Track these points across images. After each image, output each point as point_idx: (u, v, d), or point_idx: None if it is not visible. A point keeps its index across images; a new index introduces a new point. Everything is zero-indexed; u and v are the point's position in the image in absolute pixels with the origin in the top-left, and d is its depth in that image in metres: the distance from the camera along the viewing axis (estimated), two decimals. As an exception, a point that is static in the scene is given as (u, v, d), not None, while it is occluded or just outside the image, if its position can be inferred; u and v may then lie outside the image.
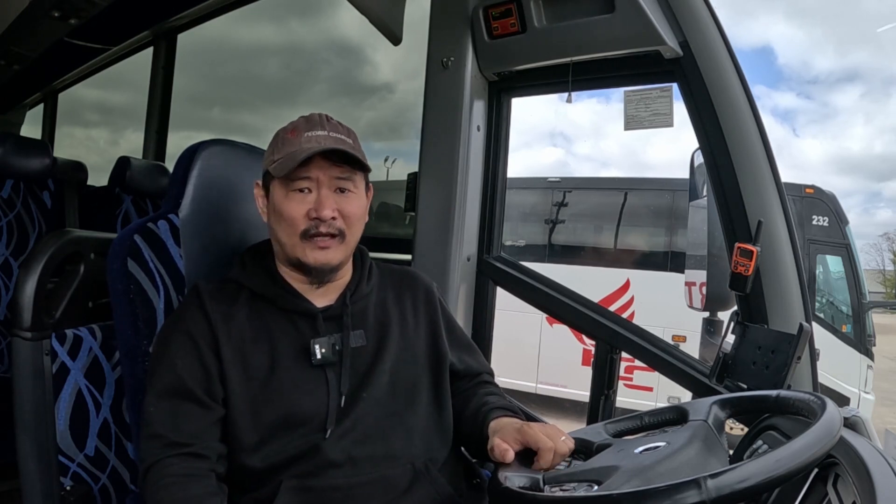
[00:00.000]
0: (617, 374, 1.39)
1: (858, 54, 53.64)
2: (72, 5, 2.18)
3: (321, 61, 5.27)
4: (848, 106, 53.30)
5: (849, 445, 0.71)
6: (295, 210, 0.89)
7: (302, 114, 0.94)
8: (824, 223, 5.03)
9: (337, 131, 0.91)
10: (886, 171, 49.35)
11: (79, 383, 1.00)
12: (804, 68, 57.17)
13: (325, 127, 0.91)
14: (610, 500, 0.60)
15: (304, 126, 0.91)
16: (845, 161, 48.88)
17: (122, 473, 1.06)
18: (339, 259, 0.92)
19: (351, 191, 0.92)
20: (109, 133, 5.57)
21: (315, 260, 0.90)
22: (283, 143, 0.90)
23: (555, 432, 0.82)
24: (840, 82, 55.25)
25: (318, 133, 0.89)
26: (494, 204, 1.56)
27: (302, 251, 0.90)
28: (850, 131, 52.14)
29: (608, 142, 32.47)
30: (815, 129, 52.14)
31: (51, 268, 0.98)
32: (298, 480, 0.85)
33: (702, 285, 1.26)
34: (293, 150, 0.88)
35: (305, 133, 0.89)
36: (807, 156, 47.14)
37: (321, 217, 0.88)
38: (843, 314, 5.15)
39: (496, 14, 1.39)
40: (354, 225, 0.93)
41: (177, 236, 1.01)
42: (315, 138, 0.89)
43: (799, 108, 53.65)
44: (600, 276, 5.29)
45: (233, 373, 0.87)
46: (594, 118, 27.03)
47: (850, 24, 55.35)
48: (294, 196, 0.89)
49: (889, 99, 47.74)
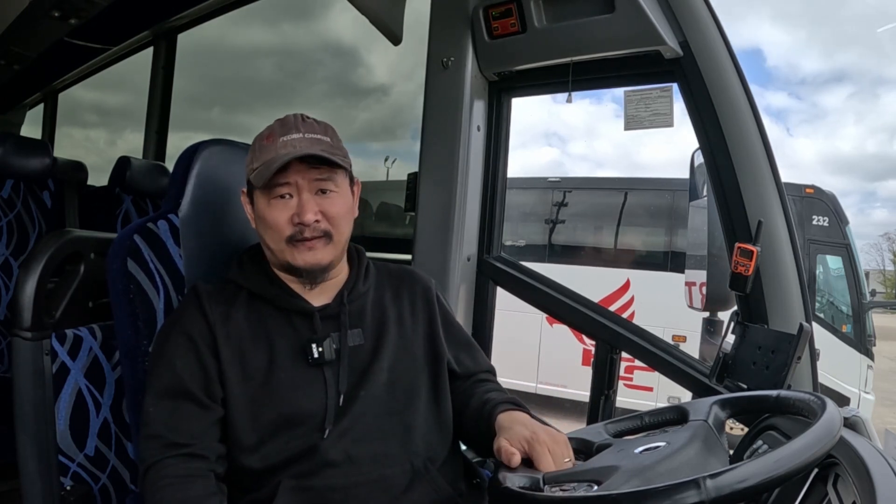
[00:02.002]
0: (617, 374, 1.39)
1: (844, 56, 53.81)
2: (72, 5, 2.18)
3: (316, 63, 5.29)
4: (837, 106, 53.47)
5: (849, 445, 0.71)
6: (278, 217, 0.89)
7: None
8: (824, 223, 5.02)
9: (313, 131, 0.90)
10: (881, 171, 49.37)
11: (79, 383, 1.00)
12: (791, 70, 57.37)
13: (300, 129, 0.90)
14: (610, 500, 0.60)
15: (279, 130, 0.90)
16: (838, 161, 48.97)
17: (122, 473, 1.06)
18: (328, 259, 0.92)
19: (332, 190, 0.91)
20: (108, 134, 5.59)
21: (304, 262, 0.90)
22: (261, 151, 0.90)
23: (560, 454, 0.79)
24: (828, 83, 55.40)
25: (294, 136, 0.88)
26: (494, 204, 1.56)
27: (291, 255, 0.90)
28: (842, 131, 52.26)
29: (601, 142, 32.58)
30: (808, 129, 52.26)
31: (51, 268, 0.98)
32: (297, 480, 0.85)
33: (702, 285, 1.26)
34: (269, 157, 0.88)
35: (281, 138, 0.88)
36: (800, 155, 47.19)
37: (304, 222, 0.88)
38: (843, 314, 5.15)
39: (496, 14, 1.39)
40: (340, 224, 0.92)
41: (176, 236, 1.01)
42: (290, 143, 0.88)
43: (791, 107, 53.80)
44: (600, 276, 5.28)
45: (231, 373, 0.87)
46: (587, 118, 27.07)
47: (834, 26, 55.48)
48: (276, 203, 0.89)
49: (877, 99, 47.80)
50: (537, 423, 0.87)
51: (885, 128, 46.60)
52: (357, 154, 4.44)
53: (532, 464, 0.79)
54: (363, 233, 2.76)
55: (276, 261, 0.93)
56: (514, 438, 0.81)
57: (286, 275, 0.94)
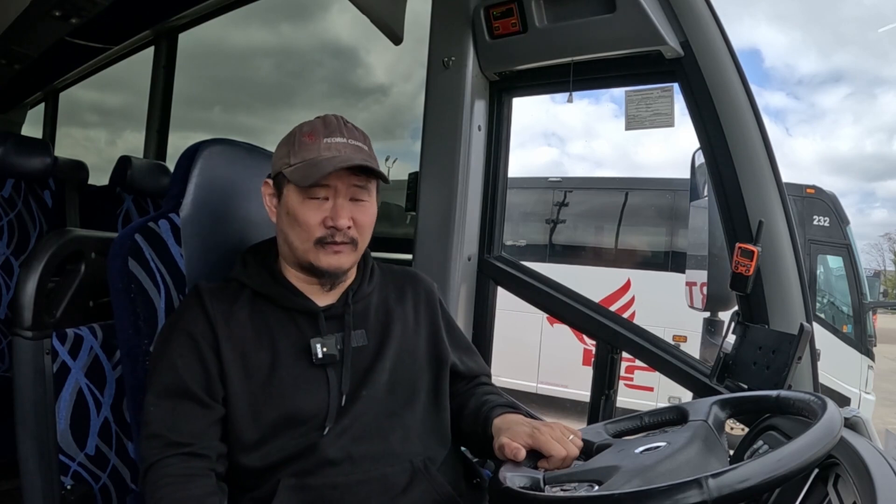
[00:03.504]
0: (617, 374, 1.39)
1: (841, 56, 53.95)
2: (73, 5, 2.18)
3: (314, 63, 5.29)
4: (835, 106, 53.55)
5: (849, 446, 0.71)
6: (311, 217, 0.89)
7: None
8: (825, 223, 5.02)
9: (354, 138, 0.90)
10: (879, 171, 49.36)
11: (79, 383, 1.00)
12: (789, 71, 57.54)
13: (343, 133, 0.90)
14: (611, 500, 0.60)
15: (322, 130, 0.89)
16: (836, 161, 48.98)
17: (123, 473, 1.06)
18: (350, 264, 0.93)
19: (365, 200, 0.92)
20: (107, 134, 5.60)
21: (329, 265, 0.90)
22: (301, 147, 0.89)
23: (564, 436, 0.82)
24: (825, 83, 55.51)
25: (337, 140, 0.88)
26: (495, 204, 1.56)
27: (315, 256, 0.90)
28: (840, 131, 52.30)
29: (599, 141, 32.80)
30: (806, 129, 52.36)
31: (52, 267, 0.98)
32: (297, 479, 0.85)
33: (702, 285, 1.25)
34: (312, 156, 0.87)
35: (324, 139, 0.88)
36: (798, 155, 47.24)
37: (337, 227, 0.88)
38: (843, 314, 5.14)
39: (497, 14, 1.39)
40: (366, 233, 0.93)
41: (178, 236, 1.01)
42: (335, 146, 0.88)
43: (789, 107, 53.90)
44: (601, 275, 5.29)
45: (233, 372, 0.87)
46: (585, 118, 27.11)
47: (829, 27, 55.67)
48: (310, 203, 0.89)
49: (874, 99, 47.85)
50: (534, 420, 0.89)
51: (884, 127, 46.61)
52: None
53: (534, 461, 0.80)
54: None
55: (296, 258, 0.92)
56: (516, 436, 0.83)
57: (299, 273, 0.94)
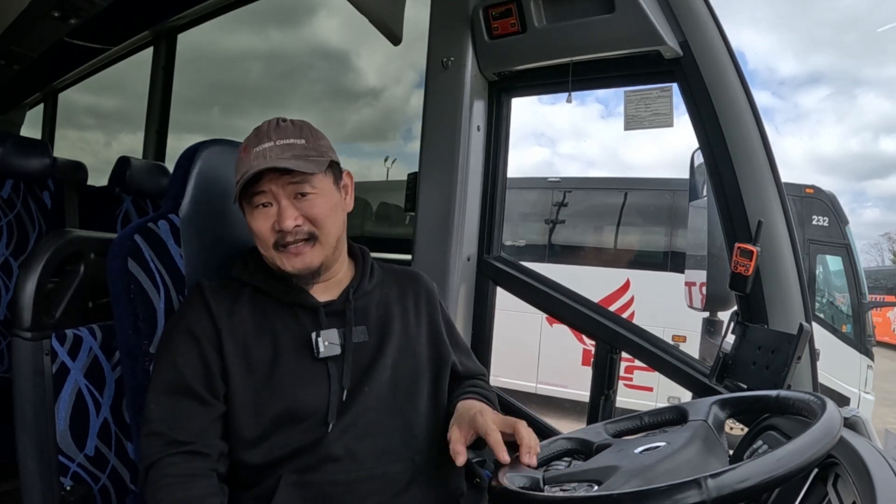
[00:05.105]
0: (617, 374, 1.39)
1: (818, 58, 54.28)
2: (72, 5, 2.17)
3: (306, 66, 5.30)
4: (818, 106, 53.76)
5: (849, 445, 0.71)
6: (262, 226, 0.90)
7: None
8: (824, 223, 5.02)
9: (285, 136, 0.89)
10: (868, 170, 49.42)
11: (79, 383, 1.00)
12: (770, 73, 57.74)
13: (271, 137, 0.89)
14: (610, 499, 0.60)
15: (253, 141, 0.90)
16: (826, 161, 49.10)
17: (122, 473, 1.06)
18: (318, 261, 0.92)
19: (311, 192, 0.90)
20: (104, 136, 5.60)
21: (293, 267, 0.90)
22: (239, 163, 0.91)
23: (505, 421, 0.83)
24: (805, 84, 55.78)
25: (265, 146, 0.88)
26: (494, 204, 1.56)
27: (280, 261, 0.90)
28: (825, 131, 52.46)
29: (589, 141, 33.02)
30: (793, 128, 52.48)
31: (51, 268, 0.98)
32: (298, 475, 0.85)
33: (702, 285, 1.26)
34: (245, 169, 0.88)
35: (254, 149, 0.88)
36: (788, 155, 47.31)
37: (283, 229, 0.88)
38: (843, 314, 5.15)
39: (496, 14, 1.39)
40: (325, 223, 0.91)
41: (177, 236, 1.01)
42: (261, 153, 0.88)
43: (775, 106, 54.07)
44: (600, 276, 5.28)
45: (235, 367, 0.87)
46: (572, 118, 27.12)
47: (804, 30, 56.02)
48: (258, 212, 0.90)
49: (855, 99, 48.04)
50: (485, 406, 0.91)
51: (868, 127, 46.73)
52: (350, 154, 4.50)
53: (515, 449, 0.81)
54: (362, 233, 2.77)
55: (272, 266, 0.93)
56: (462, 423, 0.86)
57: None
